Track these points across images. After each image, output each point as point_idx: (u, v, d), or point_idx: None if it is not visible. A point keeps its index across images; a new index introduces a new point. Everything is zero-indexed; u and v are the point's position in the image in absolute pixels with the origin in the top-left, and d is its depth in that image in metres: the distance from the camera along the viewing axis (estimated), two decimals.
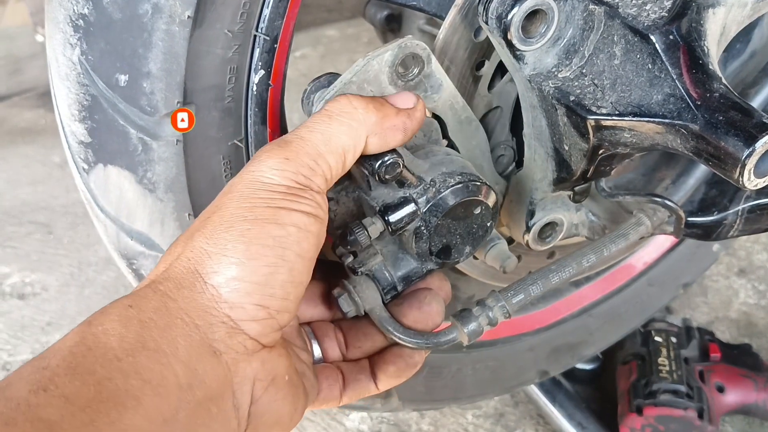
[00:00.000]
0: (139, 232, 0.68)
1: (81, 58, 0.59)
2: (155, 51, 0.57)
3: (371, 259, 0.60)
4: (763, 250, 1.56)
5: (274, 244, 0.46)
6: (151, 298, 0.44)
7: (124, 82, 0.59)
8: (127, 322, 0.42)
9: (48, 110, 2.08)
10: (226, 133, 0.65)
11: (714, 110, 0.54)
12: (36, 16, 2.05)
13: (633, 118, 0.58)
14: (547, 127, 0.64)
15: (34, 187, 1.83)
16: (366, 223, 0.56)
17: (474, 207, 0.60)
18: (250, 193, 0.47)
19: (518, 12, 0.56)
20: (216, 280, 0.45)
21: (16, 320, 1.43)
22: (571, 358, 1.17)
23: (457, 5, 0.62)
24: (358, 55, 2.32)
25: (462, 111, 0.65)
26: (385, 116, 0.52)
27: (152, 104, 0.60)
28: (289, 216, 0.47)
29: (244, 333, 0.46)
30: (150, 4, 0.56)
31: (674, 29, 0.57)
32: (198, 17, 0.57)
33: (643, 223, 0.71)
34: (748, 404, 1.17)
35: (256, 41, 0.62)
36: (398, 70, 0.58)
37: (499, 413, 1.25)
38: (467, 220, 0.60)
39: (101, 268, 1.55)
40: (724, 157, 0.54)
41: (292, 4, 0.62)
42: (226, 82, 0.62)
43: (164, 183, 0.64)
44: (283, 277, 0.46)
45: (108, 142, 0.63)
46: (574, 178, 0.66)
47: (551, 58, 0.60)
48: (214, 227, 0.46)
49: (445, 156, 0.61)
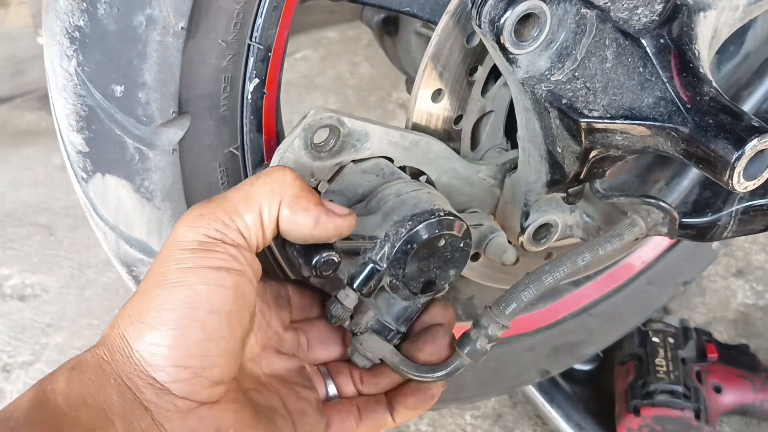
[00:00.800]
0: (137, 240, 0.68)
1: (77, 69, 0.59)
2: (150, 62, 0.58)
3: (365, 317, 0.63)
4: (761, 251, 1.56)
5: (181, 306, 0.48)
6: (90, 361, 0.49)
7: (120, 92, 0.59)
8: (70, 382, 0.48)
9: (49, 112, 2.08)
10: (222, 141, 0.66)
11: (704, 113, 0.55)
12: (37, 18, 2.06)
13: (624, 121, 0.59)
14: (541, 129, 0.64)
15: (35, 188, 1.83)
16: (340, 297, 0.59)
17: (437, 241, 0.60)
18: (165, 257, 0.50)
19: (511, 16, 0.57)
20: (139, 345, 0.48)
21: (16, 322, 1.44)
22: (572, 357, 1.18)
23: (449, 11, 0.63)
24: (358, 57, 2.33)
25: (401, 140, 0.64)
26: (304, 198, 0.53)
27: (148, 114, 0.60)
28: (196, 275, 0.49)
29: (171, 393, 0.48)
30: (144, 16, 0.56)
31: (665, 33, 0.57)
32: (192, 28, 0.57)
33: (637, 224, 0.71)
34: (745, 405, 1.18)
35: (250, 50, 0.63)
36: (315, 147, 0.59)
37: (497, 414, 1.25)
38: (437, 252, 0.61)
39: (101, 270, 1.56)
40: (714, 160, 0.54)
41: (285, 12, 0.63)
42: (221, 90, 0.63)
43: (161, 191, 0.65)
44: (196, 336, 0.48)
45: (105, 152, 0.64)
46: (568, 180, 0.67)
47: (544, 61, 0.61)
48: (137, 295, 0.50)
49: (396, 199, 0.61)
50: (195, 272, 0.49)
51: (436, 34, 0.64)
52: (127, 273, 0.73)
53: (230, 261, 0.50)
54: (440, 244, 0.60)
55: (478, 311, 0.99)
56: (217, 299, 0.49)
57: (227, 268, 0.49)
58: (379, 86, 2.19)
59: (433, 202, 0.60)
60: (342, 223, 0.55)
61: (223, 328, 0.49)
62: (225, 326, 0.50)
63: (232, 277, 0.50)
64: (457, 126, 0.70)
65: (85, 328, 1.42)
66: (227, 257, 0.50)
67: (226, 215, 0.51)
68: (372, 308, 0.63)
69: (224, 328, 0.50)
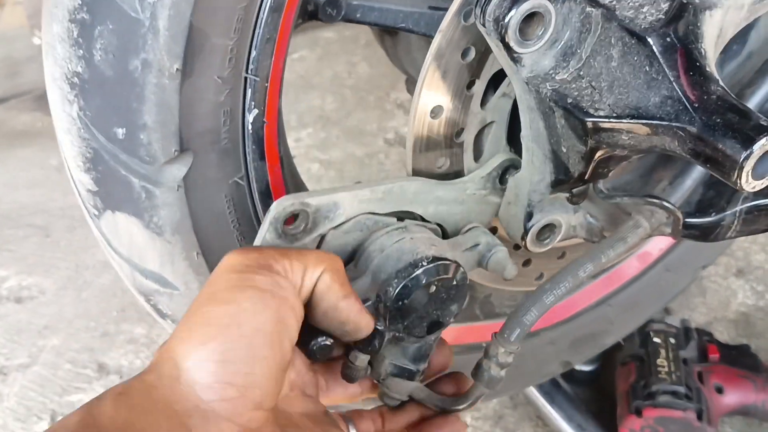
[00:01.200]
0: (152, 272, 0.71)
1: (79, 113, 0.61)
2: (148, 104, 0.60)
3: (383, 365, 0.64)
4: (761, 251, 1.56)
5: (229, 322, 0.50)
6: (138, 387, 0.50)
7: (122, 134, 0.61)
8: (117, 407, 0.48)
9: (45, 113, 2.07)
10: (226, 172, 0.67)
11: (711, 112, 0.54)
12: (33, 19, 2.05)
13: (630, 121, 0.58)
14: (545, 129, 0.64)
15: (31, 190, 1.82)
16: (351, 359, 0.61)
17: (428, 288, 0.61)
18: (215, 279, 0.53)
19: (515, 14, 0.56)
20: (187, 363, 0.49)
21: (12, 324, 1.43)
22: (593, 348, 1.18)
23: (441, 30, 0.63)
24: (355, 57, 2.33)
25: (373, 195, 0.64)
26: (345, 277, 0.57)
27: (151, 154, 0.62)
28: (242, 293, 0.51)
29: (218, 414, 0.49)
30: (139, 61, 0.58)
31: (671, 31, 0.57)
32: (186, 69, 0.59)
33: (641, 225, 0.70)
34: (747, 405, 1.17)
35: (247, 83, 0.64)
36: (288, 233, 0.60)
37: (498, 415, 1.25)
38: (433, 297, 0.62)
39: (98, 271, 1.55)
40: (722, 159, 0.54)
41: (279, 42, 0.64)
42: (221, 124, 0.64)
43: (170, 226, 0.67)
44: (242, 352, 0.50)
45: (113, 191, 0.66)
46: (572, 180, 0.66)
47: (549, 60, 0.60)
48: (186, 316, 0.52)
49: (380, 255, 0.62)
50: (242, 291, 0.51)
51: (430, 53, 0.64)
52: (145, 301, 0.76)
53: (275, 285, 0.52)
54: (433, 291, 0.61)
55: (495, 309, 1.01)
56: (261, 318, 0.51)
57: (271, 291, 0.52)
58: (377, 86, 2.19)
59: (416, 251, 0.61)
60: (364, 324, 0.58)
61: (266, 348, 0.51)
62: (268, 346, 0.51)
63: (276, 300, 0.52)
64: (458, 139, 0.70)
65: (82, 330, 1.41)
66: (272, 281, 0.52)
67: (276, 252, 0.54)
68: (388, 356, 0.64)
69: (267, 347, 0.51)
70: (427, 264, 0.60)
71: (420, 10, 0.72)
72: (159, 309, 0.75)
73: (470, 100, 0.69)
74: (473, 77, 0.67)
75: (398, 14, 0.72)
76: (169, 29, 0.57)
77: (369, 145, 1.94)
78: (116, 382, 1.27)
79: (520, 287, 0.93)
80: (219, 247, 0.71)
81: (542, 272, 0.91)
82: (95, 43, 0.58)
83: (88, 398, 1.25)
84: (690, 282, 1.26)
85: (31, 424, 1.24)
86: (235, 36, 0.60)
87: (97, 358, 1.33)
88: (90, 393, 1.27)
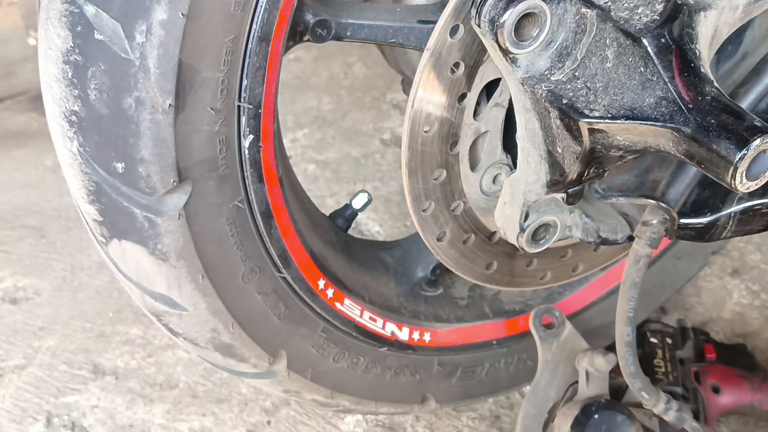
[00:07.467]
0: (161, 295, 0.73)
1: (79, 149, 0.63)
2: (144, 139, 0.62)
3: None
4: (756, 251, 1.56)
5: None
6: None
7: (121, 168, 0.63)
8: None
9: (40, 114, 2.07)
10: (226, 197, 0.70)
11: (706, 113, 0.55)
12: (28, 20, 2.04)
13: (625, 121, 0.58)
14: (540, 129, 0.64)
15: (26, 190, 1.82)
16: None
17: None
18: None
19: (511, 15, 0.56)
20: None
21: (8, 325, 1.43)
22: (605, 339, 1.18)
23: (429, 48, 0.64)
24: (351, 58, 2.33)
25: None
26: None
27: (150, 185, 0.64)
28: None
29: None
30: (132, 98, 0.60)
31: (666, 32, 0.57)
32: (179, 103, 0.61)
33: (643, 254, 0.72)
34: (743, 405, 1.17)
35: (240, 111, 0.66)
36: None
37: (494, 416, 1.25)
38: None
39: (94, 272, 1.55)
40: (716, 160, 0.54)
41: (270, 69, 0.65)
42: (218, 152, 0.66)
43: (174, 252, 0.69)
44: None
45: (118, 221, 0.68)
46: (568, 180, 0.66)
47: (544, 60, 0.60)
48: None
49: None
50: None
51: (420, 71, 0.65)
52: (157, 320, 0.78)
53: None
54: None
55: (505, 306, 1.02)
56: None
57: None
58: (373, 86, 2.19)
59: None
60: None
61: None
62: None
63: None
64: (453, 151, 0.71)
65: (78, 331, 1.40)
66: None
67: None
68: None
69: None
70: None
71: (409, 25, 0.73)
72: (171, 328, 0.78)
73: (463, 112, 0.70)
74: (464, 90, 0.68)
75: (388, 30, 0.73)
76: (159, 67, 0.59)
77: (365, 145, 1.94)
78: (112, 383, 1.27)
79: (525, 287, 0.94)
80: (223, 269, 0.74)
81: (546, 272, 0.92)
82: (89, 83, 0.60)
83: (83, 399, 1.25)
84: (701, 267, 1.28)
85: (27, 426, 1.23)
86: (225, 68, 0.62)
87: (93, 359, 1.32)
88: (86, 394, 1.26)
